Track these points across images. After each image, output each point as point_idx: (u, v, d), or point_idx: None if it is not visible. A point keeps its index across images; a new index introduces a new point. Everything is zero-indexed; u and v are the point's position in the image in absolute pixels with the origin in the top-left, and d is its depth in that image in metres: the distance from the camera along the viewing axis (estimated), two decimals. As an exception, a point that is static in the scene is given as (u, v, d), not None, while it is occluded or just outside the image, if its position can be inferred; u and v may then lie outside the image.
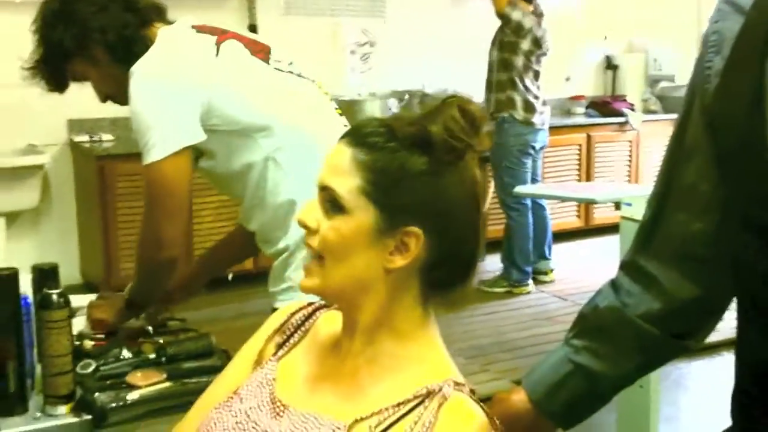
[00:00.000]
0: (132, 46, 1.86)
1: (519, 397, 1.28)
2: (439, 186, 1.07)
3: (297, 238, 1.79)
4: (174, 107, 1.80)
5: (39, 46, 1.90)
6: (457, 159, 1.07)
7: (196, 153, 1.88)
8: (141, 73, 1.82)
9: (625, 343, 1.23)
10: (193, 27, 1.92)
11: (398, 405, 1.07)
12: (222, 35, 1.93)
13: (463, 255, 1.12)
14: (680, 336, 1.23)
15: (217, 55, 1.88)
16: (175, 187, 1.83)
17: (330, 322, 1.22)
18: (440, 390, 1.07)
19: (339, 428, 1.07)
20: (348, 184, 1.07)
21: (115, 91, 1.93)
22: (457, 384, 1.09)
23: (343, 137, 1.12)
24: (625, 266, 1.26)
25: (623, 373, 1.26)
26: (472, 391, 1.10)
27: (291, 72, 1.98)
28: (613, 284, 1.27)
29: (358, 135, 1.10)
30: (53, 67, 1.91)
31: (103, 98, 1.98)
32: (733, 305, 1.18)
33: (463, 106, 1.07)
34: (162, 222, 1.84)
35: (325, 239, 1.09)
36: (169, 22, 1.94)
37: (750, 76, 1.02)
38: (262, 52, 1.96)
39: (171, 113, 1.80)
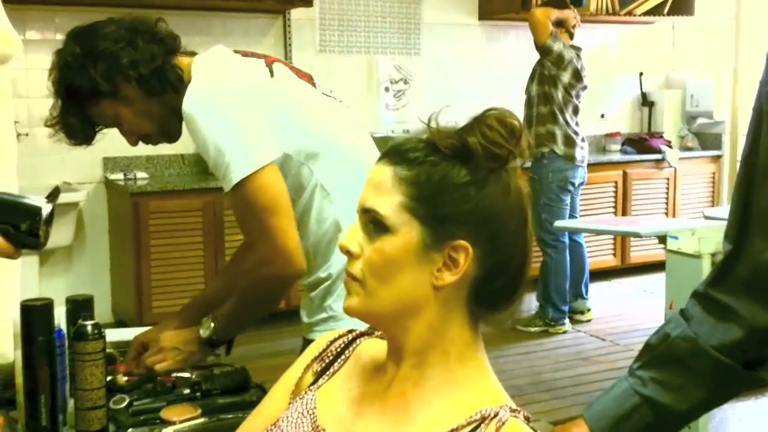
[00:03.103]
0: (165, 76, 1.80)
1: (580, 430, 1.22)
2: (483, 196, 1.04)
3: (341, 266, 1.68)
4: (247, 124, 1.71)
5: (61, 97, 1.81)
6: (499, 168, 1.05)
7: None
8: (199, 97, 1.72)
9: (697, 375, 1.17)
10: (236, 52, 1.88)
11: (451, 431, 1.02)
12: (268, 58, 1.89)
13: (512, 269, 1.07)
14: (753, 366, 1.17)
15: (272, 76, 1.83)
16: (279, 190, 1.71)
17: (372, 348, 1.18)
18: (496, 415, 1.02)
19: None
20: (390, 203, 1.04)
21: (151, 129, 1.85)
22: (512, 410, 1.04)
23: (382, 157, 1.09)
24: (697, 296, 1.21)
25: (692, 406, 1.20)
26: (527, 419, 1.04)
27: (335, 98, 1.94)
28: (684, 313, 1.21)
29: (397, 152, 1.08)
30: (80, 116, 1.81)
31: (135, 140, 1.89)
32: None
33: (502, 117, 1.05)
34: (282, 230, 1.70)
35: (370, 262, 1.05)
36: (192, 52, 1.89)
37: None
38: (306, 76, 1.92)
39: (246, 130, 1.71)
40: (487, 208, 1.04)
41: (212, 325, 1.83)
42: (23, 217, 1.25)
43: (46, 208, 1.26)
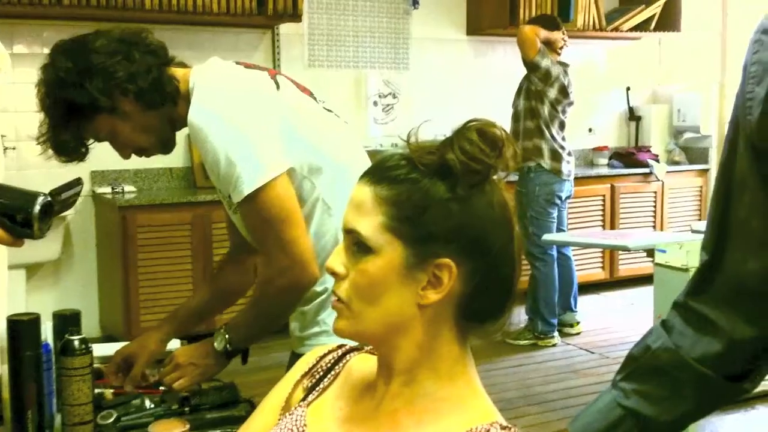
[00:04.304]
0: (163, 88, 1.76)
1: None
2: (465, 212, 1.02)
3: None
4: (257, 135, 1.69)
5: (52, 113, 1.75)
6: (481, 182, 1.03)
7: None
8: (207, 108, 1.70)
9: (680, 386, 1.17)
10: (238, 63, 1.86)
11: None
12: (270, 71, 1.87)
13: (500, 282, 1.06)
14: (736, 378, 1.17)
15: (278, 89, 1.81)
16: (292, 201, 1.71)
17: (363, 364, 1.17)
18: None
19: None
20: (371, 223, 1.03)
21: (147, 142, 1.82)
22: (503, 427, 1.03)
23: (364, 176, 1.08)
24: (677, 307, 1.20)
25: (676, 418, 1.19)
26: (518, 436, 1.04)
27: (335, 114, 1.93)
28: (665, 324, 1.21)
29: (379, 171, 1.06)
30: (72, 133, 1.77)
31: (129, 154, 1.85)
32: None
33: (483, 129, 1.02)
34: (296, 240, 1.70)
35: (355, 284, 1.05)
36: (183, 63, 1.86)
37: None
38: (307, 91, 1.90)
39: (256, 141, 1.69)
40: (471, 224, 1.02)
41: (226, 336, 1.81)
42: (17, 209, 1.28)
43: (39, 201, 1.28)
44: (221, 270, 2.10)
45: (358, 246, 1.04)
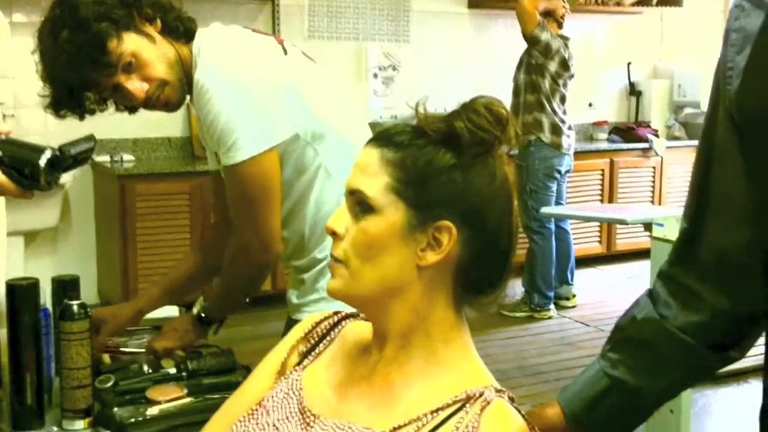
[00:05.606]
0: (184, 21, 1.79)
1: (554, 411, 1.25)
2: (468, 180, 1.05)
3: None
4: (262, 102, 1.70)
5: (75, 37, 1.64)
6: (485, 152, 1.06)
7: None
8: (216, 70, 1.69)
9: (665, 356, 1.18)
10: (245, 27, 1.86)
11: (436, 411, 1.04)
12: (277, 38, 1.87)
13: (497, 253, 1.09)
14: (723, 347, 1.18)
15: (285, 54, 1.81)
16: (274, 181, 1.73)
17: (358, 330, 1.19)
18: (481, 395, 1.03)
19: None
20: (377, 184, 1.06)
21: (169, 75, 1.74)
22: (497, 390, 1.05)
23: (371, 140, 1.11)
24: (662, 276, 1.21)
25: (662, 388, 1.21)
26: (512, 399, 1.06)
27: (338, 83, 1.94)
28: (651, 294, 1.21)
29: (385, 136, 1.09)
30: (96, 58, 1.65)
31: (145, 93, 1.71)
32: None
33: (490, 104, 1.06)
34: (267, 219, 1.74)
35: (354, 242, 1.07)
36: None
37: None
38: (310, 59, 1.91)
39: (260, 109, 1.69)
40: (472, 192, 1.05)
41: (203, 304, 1.86)
42: (25, 162, 1.33)
43: (46, 154, 1.32)
44: (204, 241, 2.08)
45: (360, 206, 1.06)
